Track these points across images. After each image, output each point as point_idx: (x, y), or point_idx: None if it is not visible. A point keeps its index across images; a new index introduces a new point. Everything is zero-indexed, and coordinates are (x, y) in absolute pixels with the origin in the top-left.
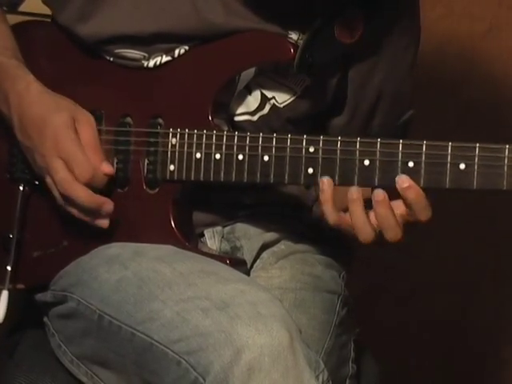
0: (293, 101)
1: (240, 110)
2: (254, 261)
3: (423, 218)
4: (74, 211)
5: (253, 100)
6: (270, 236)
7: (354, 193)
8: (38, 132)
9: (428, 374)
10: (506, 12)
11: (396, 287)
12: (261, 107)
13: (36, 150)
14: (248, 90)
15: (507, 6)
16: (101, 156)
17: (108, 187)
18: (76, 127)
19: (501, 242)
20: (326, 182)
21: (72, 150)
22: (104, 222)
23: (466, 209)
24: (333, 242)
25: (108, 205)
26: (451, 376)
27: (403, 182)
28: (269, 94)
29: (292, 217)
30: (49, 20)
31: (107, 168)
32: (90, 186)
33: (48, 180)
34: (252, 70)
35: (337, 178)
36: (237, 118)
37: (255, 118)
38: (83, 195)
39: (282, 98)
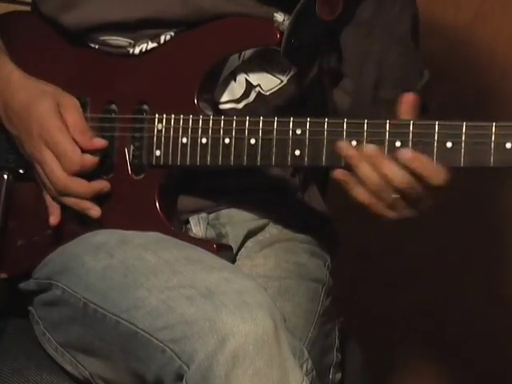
0: (279, 88)
1: (225, 98)
2: (239, 249)
3: (435, 182)
4: (70, 201)
5: (238, 87)
6: (255, 223)
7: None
8: (23, 122)
9: (411, 362)
10: (490, 3)
11: (380, 276)
12: (246, 94)
13: (24, 140)
14: (233, 77)
15: None
16: (89, 136)
17: (93, 174)
18: (61, 112)
19: (485, 231)
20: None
21: (58, 138)
22: (96, 213)
23: (451, 199)
24: (318, 229)
25: (106, 187)
26: (434, 364)
27: (406, 153)
28: (254, 81)
29: (277, 204)
30: (27, 8)
31: (100, 143)
32: (79, 174)
33: (39, 169)
34: (237, 57)
35: (324, 159)
36: (222, 106)
37: (240, 105)
38: (81, 189)
39: (267, 86)
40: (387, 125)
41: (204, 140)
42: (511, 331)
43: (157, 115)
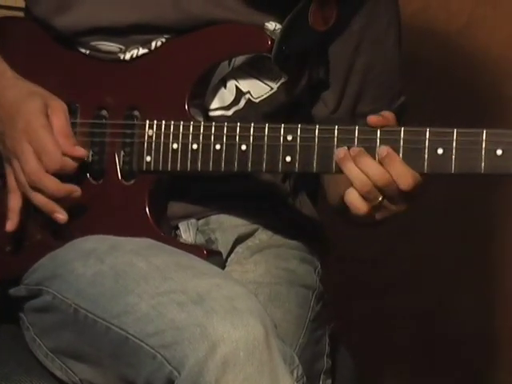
0: (269, 96)
1: (215, 105)
2: (229, 254)
3: (402, 185)
4: (40, 199)
5: (228, 93)
6: (245, 229)
7: (340, 152)
8: (11, 116)
9: (411, 363)
10: (482, 7)
11: (372, 281)
12: (236, 101)
13: (6, 134)
14: (223, 84)
15: (484, 2)
16: (72, 141)
17: (83, 180)
18: (48, 114)
19: (484, 232)
20: None
21: (42, 137)
22: (62, 218)
23: (451, 200)
24: (308, 235)
25: (76, 192)
26: (428, 368)
27: (382, 150)
28: (244, 88)
29: (267, 210)
30: (20, 13)
31: (80, 151)
32: (59, 174)
33: (15, 164)
34: (227, 64)
35: (314, 165)
36: (211, 114)
37: (230, 112)
38: (52, 187)
39: (257, 93)
40: (378, 132)
41: (195, 146)
42: (511, 331)
43: (147, 121)
